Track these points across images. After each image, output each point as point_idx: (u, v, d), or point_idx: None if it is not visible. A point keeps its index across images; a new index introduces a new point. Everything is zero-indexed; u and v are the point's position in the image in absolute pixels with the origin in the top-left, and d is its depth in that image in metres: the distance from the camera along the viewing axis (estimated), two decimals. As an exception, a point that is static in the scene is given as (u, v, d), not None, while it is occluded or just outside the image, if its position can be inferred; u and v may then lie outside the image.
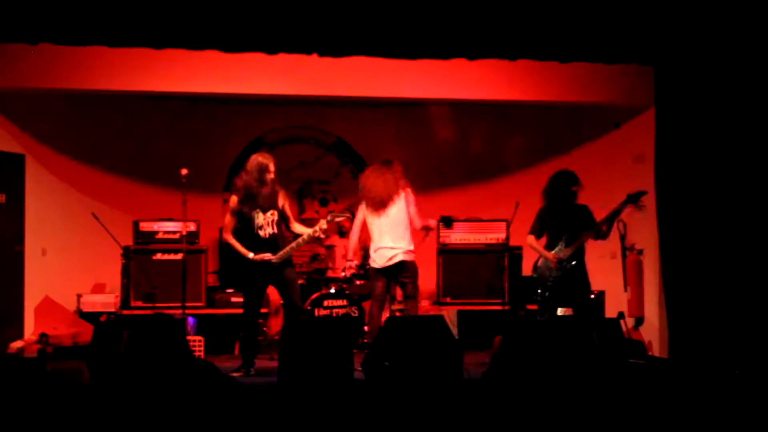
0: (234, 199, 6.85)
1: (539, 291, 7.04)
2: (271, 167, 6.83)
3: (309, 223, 7.63)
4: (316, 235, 6.92)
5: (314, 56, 7.01)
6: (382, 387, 5.90)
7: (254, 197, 6.80)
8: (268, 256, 6.77)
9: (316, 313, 8.14)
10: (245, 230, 6.81)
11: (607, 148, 8.81)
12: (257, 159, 6.87)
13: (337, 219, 7.18)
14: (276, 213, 6.87)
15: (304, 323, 6.53)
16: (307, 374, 5.96)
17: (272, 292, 7.48)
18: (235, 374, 6.66)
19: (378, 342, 6.31)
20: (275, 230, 6.85)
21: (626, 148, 8.51)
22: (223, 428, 4.43)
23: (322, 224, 6.87)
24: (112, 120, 9.11)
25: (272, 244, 6.83)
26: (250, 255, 6.78)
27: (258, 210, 6.82)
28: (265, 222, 6.83)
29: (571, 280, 6.90)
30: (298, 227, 7.03)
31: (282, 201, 6.92)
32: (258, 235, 6.81)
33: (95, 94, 8.10)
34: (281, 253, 6.81)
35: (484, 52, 7.14)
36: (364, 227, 7.30)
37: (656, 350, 7.96)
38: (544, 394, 5.13)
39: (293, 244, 6.90)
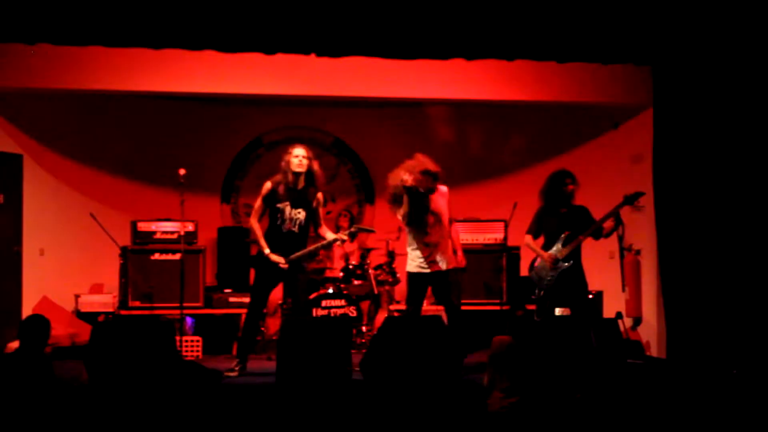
0: (268, 185, 6.76)
1: (536, 291, 7.05)
2: (302, 158, 6.70)
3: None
4: (336, 244, 6.87)
5: (312, 56, 7.02)
6: (380, 387, 5.90)
7: (285, 189, 6.72)
8: (281, 260, 6.72)
9: (315, 313, 8.14)
10: (270, 220, 6.75)
11: (605, 148, 8.83)
12: (287, 150, 6.79)
13: (362, 232, 7.10)
14: (304, 212, 6.76)
15: (302, 323, 6.53)
16: (304, 374, 5.96)
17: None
18: (230, 374, 6.66)
19: (376, 342, 6.31)
20: (297, 229, 6.75)
21: (624, 148, 8.52)
22: (215, 427, 4.44)
23: (343, 235, 6.83)
24: (111, 120, 9.11)
25: (290, 242, 6.74)
26: (267, 250, 6.71)
27: (286, 203, 6.74)
28: (289, 218, 6.75)
29: (568, 280, 6.90)
30: (325, 232, 6.91)
31: (316, 203, 6.83)
32: (279, 228, 6.73)
33: (94, 94, 8.10)
34: (294, 255, 6.76)
35: (482, 52, 7.15)
36: None
37: (654, 350, 7.97)
38: (542, 394, 5.13)
39: (311, 248, 6.84)
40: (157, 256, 8.35)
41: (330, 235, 6.87)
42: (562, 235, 6.93)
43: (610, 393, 5.32)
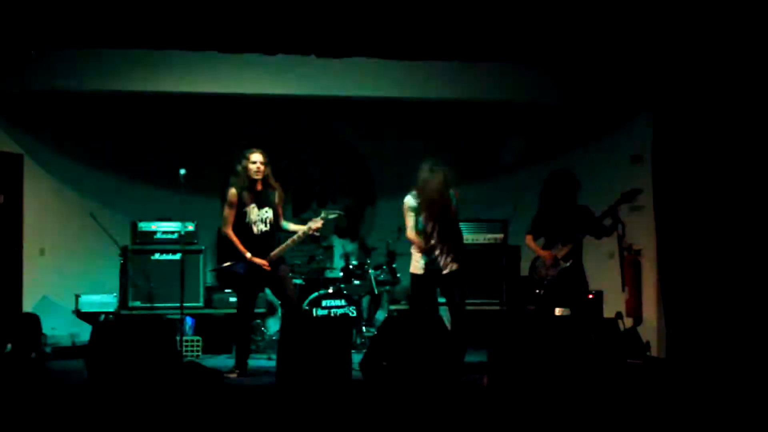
0: (233, 193, 6.84)
1: (537, 291, 7.04)
2: (259, 164, 6.81)
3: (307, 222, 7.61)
4: (310, 233, 6.92)
5: (312, 57, 7.03)
6: (380, 387, 5.91)
7: (249, 192, 6.80)
8: (265, 264, 6.76)
9: (314, 313, 8.14)
10: (239, 225, 6.82)
11: (605, 148, 8.82)
12: (246, 155, 6.86)
13: (330, 216, 7.16)
14: (271, 211, 6.86)
15: (302, 323, 6.54)
16: (304, 374, 5.97)
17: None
18: (230, 375, 6.66)
19: (376, 342, 6.31)
20: (268, 228, 6.84)
21: (624, 149, 8.52)
22: (216, 427, 4.43)
23: (316, 222, 6.88)
24: (111, 120, 9.11)
25: (264, 242, 6.81)
26: (248, 255, 6.77)
27: (253, 206, 6.82)
28: (259, 219, 6.83)
29: (568, 280, 6.91)
30: (288, 225, 7.01)
31: (277, 199, 6.92)
32: (251, 231, 6.80)
33: (94, 94, 8.10)
34: (274, 252, 6.80)
35: (482, 52, 7.16)
36: None
37: (654, 350, 7.97)
38: (542, 394, 5.14)
39: (288, 242, 6.89)
40: (157, 256, 8.36)
41: (301, 226, 6.94)
42: (562, 235, 6.93)
43: (610, 393, 5.32)
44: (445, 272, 6.74)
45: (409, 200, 6.83)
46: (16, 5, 6.27)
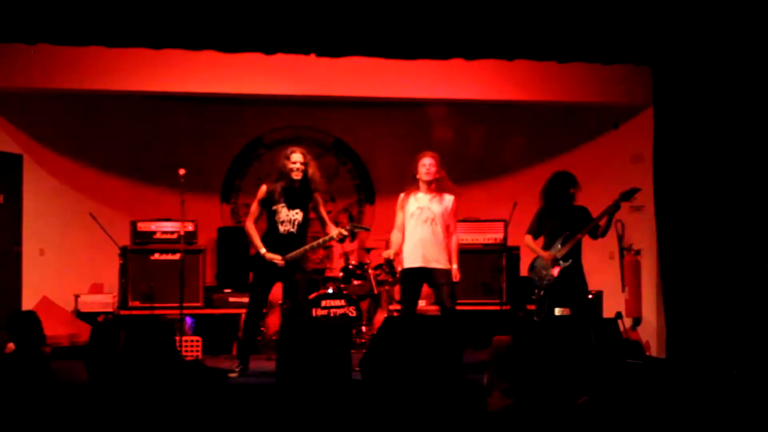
0: (263, 189, 6.81)
1: (536, 291, 7.04)
2: (300, 164, 6.77)
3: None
4: (336, 239, 6.90)
5: (312, 56, 7.03)
6: (380, 387, 5.90)
7: (282, 191, 6.77)
8: (277, 258, 6.75)
9: (314, 313, 8.14)
10: (269, 222, 6.80)
11: (606, 148, 8.82)
12: (286, 154, 6.84)
13: (356, 230, 7.13)
14: (302, 213, 6.81)
15: (302, 323, 6.53)
16: (304, 374, 5.96)
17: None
18: (230, 374, 6.66)
19: (376, 342, 6.31)
20: (295, 230, 6.80)
21: (624, 148, 8.52)
22: (215, 427, 4.43)
23: (342, 231, 6.84)
24: (110, 120, 9.10)
25: (287, 242, 6.77)
26: (263, 250, 6.74)
27: (283, 205, 6.79)
28: (287, 219, 6.79)
29: (568, 280, 6.90)
30: (333, 230, 6.94)
31: (314, 203, 6.87)
32: (277, 229, 6.78)
33: (94, 94, 8.10)
34: (291, 254, 6.78)
35: (482, 52, 7.16)
36: None
37: (654, 350, 7.97)
38: (543, 394, 5.13)
39: (306, 247, 6.85)
40: (157, 256, 8.35)
41: (333, 231, 6.89)
42: (562, 236, 6.93)
43: (610, 393, 5.32)
44: (432, 267, 6.74)
45: (402, 197, 6.87)
46: (16, 3, 6.28)
